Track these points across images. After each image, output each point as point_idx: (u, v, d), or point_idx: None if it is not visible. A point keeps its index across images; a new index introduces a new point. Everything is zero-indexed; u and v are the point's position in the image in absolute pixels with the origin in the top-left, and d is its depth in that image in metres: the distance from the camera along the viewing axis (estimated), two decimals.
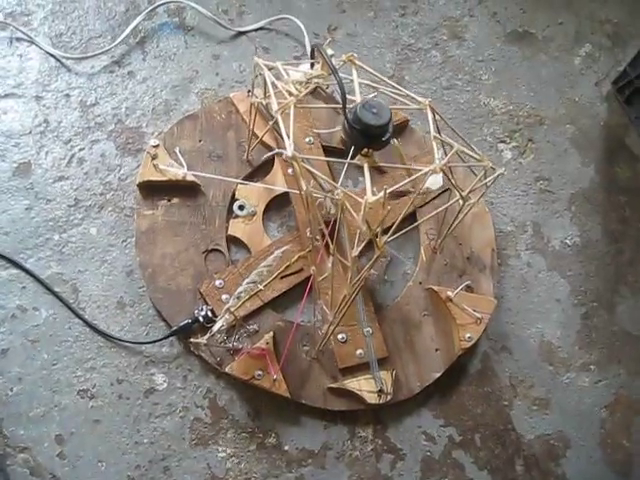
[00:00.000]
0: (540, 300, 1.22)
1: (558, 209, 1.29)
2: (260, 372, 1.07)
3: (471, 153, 0.97)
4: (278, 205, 1.21)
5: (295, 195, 1.20)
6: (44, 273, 1.11)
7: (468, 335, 1.14)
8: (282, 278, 1.16)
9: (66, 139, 1.20)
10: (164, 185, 1.17)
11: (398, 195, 1.18)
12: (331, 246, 0.88)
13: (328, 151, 1.23)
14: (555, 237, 1.27)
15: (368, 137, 0.87)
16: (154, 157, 1.16)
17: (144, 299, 1.12)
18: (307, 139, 1.23)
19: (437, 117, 0.96)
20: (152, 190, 1.17)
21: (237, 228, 1.18)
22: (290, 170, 1.22)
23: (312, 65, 0.99)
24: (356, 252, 0.85)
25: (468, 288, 1.19)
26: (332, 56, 0.90)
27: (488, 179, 0.99)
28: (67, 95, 1.23)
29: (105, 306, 1.11)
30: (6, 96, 1.22)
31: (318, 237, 0.90)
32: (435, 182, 1.20)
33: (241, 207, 1.18)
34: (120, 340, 1.09)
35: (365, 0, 1.40)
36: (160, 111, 1.25)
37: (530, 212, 1.28)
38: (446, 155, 0.94)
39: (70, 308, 1.10)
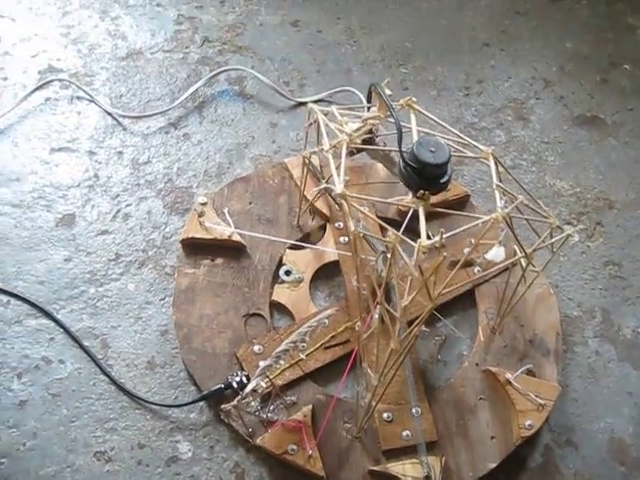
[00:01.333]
0: (610, 392, 1.07)
1: (629, 296, 1.16)
2: (294, 447, 0.94)
3: (537, 209, 0.87)
4: (327, 274, 1.11)
5: (345, 263, 1.10)
6: (75, 326, 1.02)
7: (529, 423, 0.99)
8: (326, 349, 1.05)
9: (114, 194, 1.15)
10: (209, 244, 1.09)
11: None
12: (378, 294, 0.77)
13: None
14: (627, 325, 1.13)
15: (424, 177, 0.78)
16: (201, 215, 1.09)
17: (176, 361, 1.02)
18: (362, 208, 1.15)
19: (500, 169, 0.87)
20: (196, 248, 1.09)
21: (282, 294, 1.08)
22: (342, 238, 1.14)
23: (368, 109, 0.93)
24: (406, 301, 0.75)
25: (529, 372, 1.05)
26: (390, 96, 0.83)
27: (555, 239, 0.88)
28: (120, 152, 1.19)
29: (134, 365, 1.01)
30: (60, 150, 1.18)
31: (365, 286, 0.80)
32: (497, 255, 1.10)
33: (288, 272, 1.09)
34: (146, 401, 0.98)
35: (429, 79, 1.35)
36: (212, 173, 1.19)
37: (599, 298, 1.15)
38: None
39: (97, 363, 1.00)
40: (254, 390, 0.90)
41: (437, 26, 1.44)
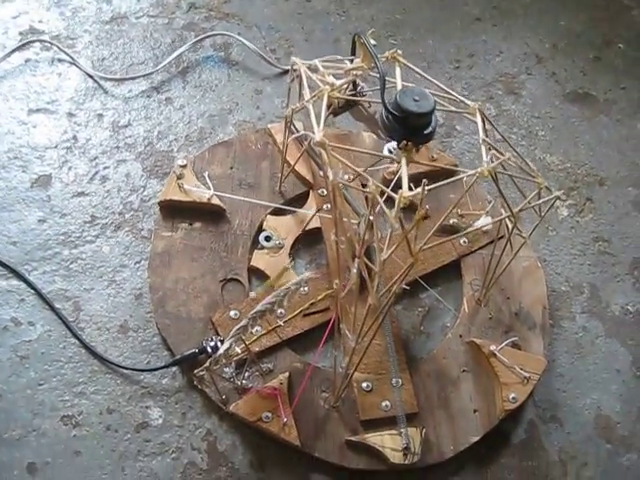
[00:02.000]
0: (597, 368, 1.03)
1: (619, 273, 1.11)
2: (269, 414, 0.90)
3: (524, 167, 0.83)
4: (309, 242, 1.06)
5: (327, 231, 1.06)
6: (47, 288, 0.98)
7: (512, 396, 0.95)
8: (305, 316, 1.00)
9: (92, 156, 1.10)
10: (187, 207, 1.04)
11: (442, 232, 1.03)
12: (357, 249, 0.72)
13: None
14: (615, 302, 1.08)
15: (407, 127, 0.74)
16: (180, 177, 1.05)
17: (150, 325, 0.97)
18: (345, 176, 1.11)
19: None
20: (174, 211, 1.05)
21: (261, 259, 1.03)
22: (325, 206, 1.09)
23: (352, 61, 0.88)
24: (386, 255, 0.70)
25: (515, 346, 1.01)
26: (375, 46, 0.78)
27: (542, 200, 0.84)
28: (100, 115, 1.14)
29: (106, 328, 0.96)
30: (38, 111, 1.13)
31: (343, 239, 0.75)
32: (485, 223, 1.05)
33: (268, 238, 1.05)
34: (117, 366, 0.93)
35: (419, 52, 1.30)
36: (194, 138, 1.14)
37: (587, 273, 1.11)
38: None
39: (67, 326, 0.95)
40: (228, 353, 0.85)
41: (428, 1, 1.40)
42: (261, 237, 1.05)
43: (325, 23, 1.32)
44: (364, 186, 1.05)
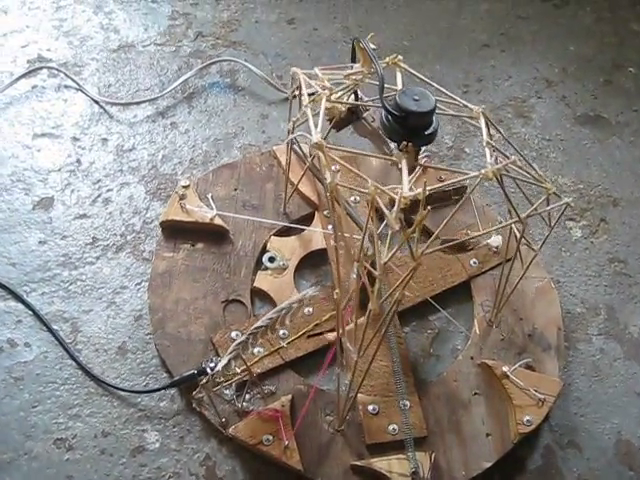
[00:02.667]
0: (616, 392, 0.97)
1: (636, 294, 1.06)
2: (270, 437, 0.85)
3: (531, 172, 0.79)
4: (314, 263, 1.03)
5: (333, 251, 1.02)
6: (45, 309, 0.94)
7: (527, 418, 0.89)
8: (309, 337, 0.96)
9: (95, 179, 1.08)
10: (189, 227, 1.01)
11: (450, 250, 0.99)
12: (355, 250, 0.69)
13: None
14: (633, 324, 1.03)
15: (408, 127, 0.71)
16: (182, 197, 1.02)
17: (149, 347, 0.93)
18: (352, 198, 1.08)
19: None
20: (176, 232, 1.02)
21: (264, 281, 1.00)
22: (330, 226, 1.06)
23: (352, 67, 0.86)
24: (386, 259, 0.66)
25: (528, 367, 0.95)
26: (375, 50, 0.76)
27: (551, 207, 0.80)
28: (104, 139, 1.13)
29: (104, 350, 0.93)
30: (43, 135, 1.11)
31: (343, 244, 0.71)
32: (495, 242, 1.01)
33: (271, 259, 1.01)
34: (113, 387, 0.89)
35: (426, 76, 1.28)
36: (198, 161, 1.12)
37: (603, 295, 1.06)
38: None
39: (64, 347, 0.91)
40: (226, 371, 0.81)
41: (436, 28, 1.38)
42: (265, 258, 1.01)
43: (332, 50, 1.31)
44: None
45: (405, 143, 0.70)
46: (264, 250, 1.03)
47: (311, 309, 0.97)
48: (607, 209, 1.16)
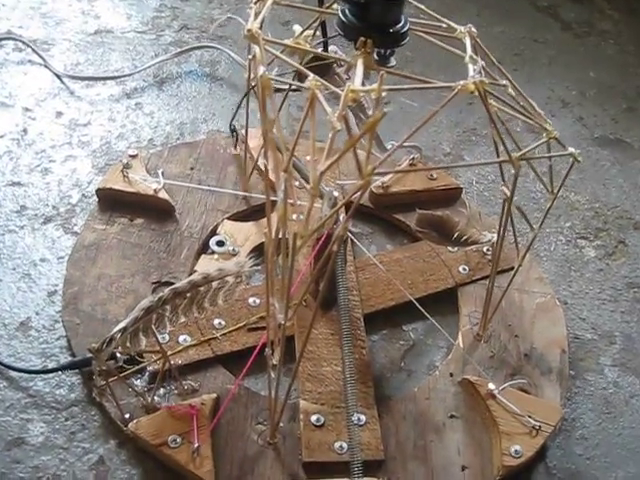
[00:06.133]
0: (632, 434, 0.74)
1: None
2: (177, 438, 0.64)
3: (528, 108, 0.62)
4: None
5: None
6: None
7: (515, 449, 0.67)
8: (251, 331, 0.76)
9: (39, 149, 0.92)
10: (129, 200, 0.84)
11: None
12: (284, 158, 0.50)
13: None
14: None
15: (368, 20, 0.54)
16: (127, 167, 0.86)
17: (57, 327, 0.74)
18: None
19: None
20: (114, 203, 0.85)
21: (207, 265, 0.80)
22: (295, 216, 0.88)
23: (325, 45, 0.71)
24: (323, 167, 0.48)
25: (522, 390, 0.74)
26: None
27: (554, 154, 0.62)
28: (59, 113, 0.97)
29: (3, 324, 0.73)
30: None
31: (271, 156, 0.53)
32: (492, 238, 0.82)
33: (220, 243, 0.83)
34: (1, 365, 0.70)
35: None
36: (158, 142, 0.96)
37: (620, 322, 0.85)
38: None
39: None
40: (129, 337, 0.61)
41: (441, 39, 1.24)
42: (212, 241, 0.83)
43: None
44: (350, 204, 0.86)
45: (363, 39, 0.53)
46: (214, 234, 0.85)
47: (258, 300, 0.78)
48: (627, 231, 0.96)
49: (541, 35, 1.29)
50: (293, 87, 0.66)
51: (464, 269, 0.85)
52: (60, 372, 0.70)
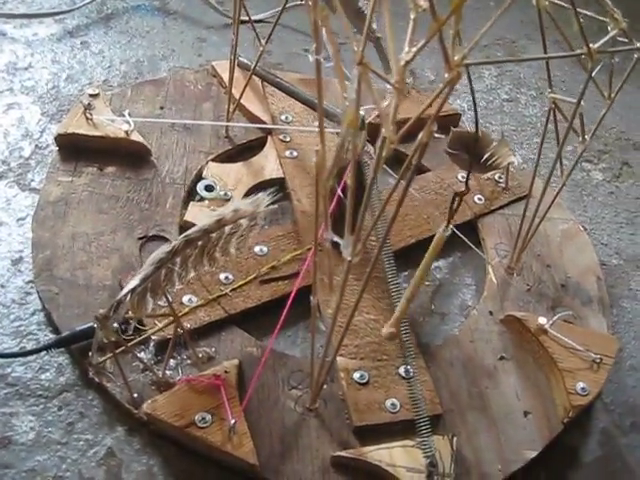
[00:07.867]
0: None
1: None
2: (207, 415, 0.52)
3: None
4: None
5: (293, 181, 0.72)
6: None
7: (582, 386, 0.59)
8: (263, 283, 0.65)
9: None
10: (96, 146, 0.70)
11: None
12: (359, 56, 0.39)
13: None
14: None
15: None
16: (89, 107, 0.72)
17: (30, 299, 0.60)
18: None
19: None
20: (78, 151, 0.70)
21: (199, 213, 0.68)
22: (288, 152, 0.76)
23: None
24: (409, 57, 0.37)
25: (568, 323, 0.67)
26: None
27: (618, 49, 0.53)
28: None
29: None
30: None
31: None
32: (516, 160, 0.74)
33: (209, 188, 0.70)
34: None
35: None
36: (114, 83, 0.81)
37: None
38: None
39: None
40: (137, 301, 0.49)
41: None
42: (200, 186, 0.70)
43: None
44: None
45: None
46: (200, 178, 0.72)
47: (265, 248, 0.66)
48: (628, 152, 0.90)
49: None
50: None
51: (479, 199, 0.76)
52: (45, 352, 0.56)
